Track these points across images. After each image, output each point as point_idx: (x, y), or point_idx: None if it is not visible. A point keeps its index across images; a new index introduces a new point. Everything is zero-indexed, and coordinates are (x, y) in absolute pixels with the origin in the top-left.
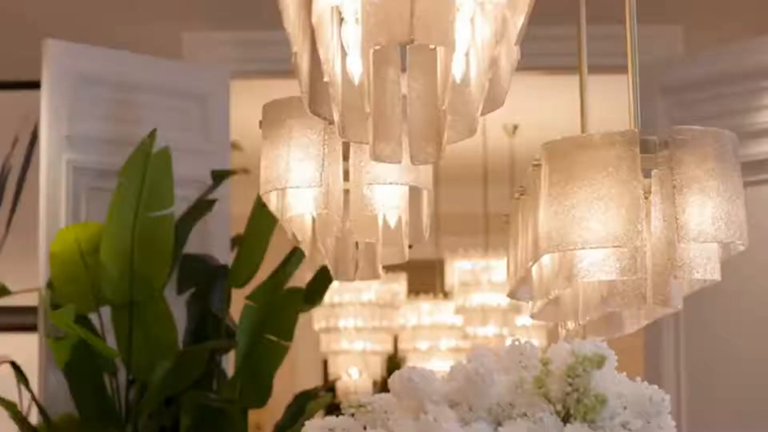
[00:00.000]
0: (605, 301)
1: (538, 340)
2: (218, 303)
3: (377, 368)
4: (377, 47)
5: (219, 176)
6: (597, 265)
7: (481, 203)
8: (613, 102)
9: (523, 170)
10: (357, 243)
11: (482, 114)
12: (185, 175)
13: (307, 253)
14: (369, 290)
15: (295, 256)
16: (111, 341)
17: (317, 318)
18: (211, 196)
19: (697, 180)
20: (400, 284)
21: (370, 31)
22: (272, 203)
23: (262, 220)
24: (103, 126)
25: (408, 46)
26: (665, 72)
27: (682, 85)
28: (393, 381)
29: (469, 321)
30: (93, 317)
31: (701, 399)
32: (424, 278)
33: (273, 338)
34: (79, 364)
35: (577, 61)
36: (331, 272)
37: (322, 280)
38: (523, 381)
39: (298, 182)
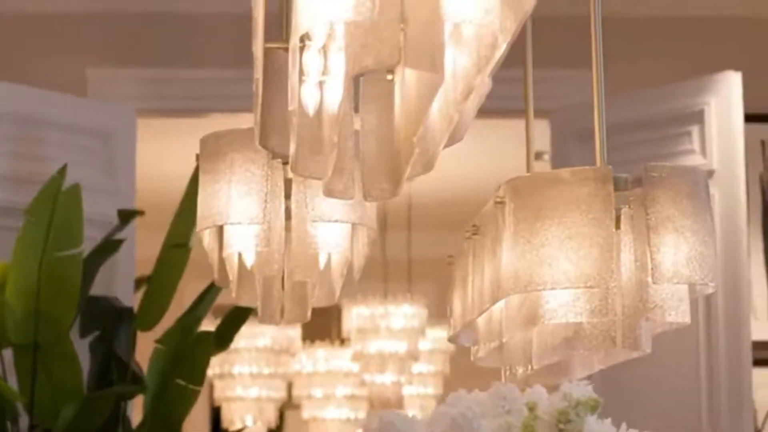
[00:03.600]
0: (570, 344)
1: (434, 389)
2: (123, 346)
3: (271, 416)
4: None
5: (126, 216)
6: (566, 307)
7: (379, 248)
8: (504, 145)
9: (421, 216)
10: (283, 284)
11: (444, 148)
12: (89, 214)
13: (235, 293)
14: (265, 336)
15: (206, 298)
16: (13, 385)
17: (211, 364)
18: (117, 237)
19: (672, 219)
20: (295, 330)
21: (356, 54)
22: (205, 240)
23: (171, 262)
24: (4, 163)
25: (362, 78)
26: (580, 117)
27: None
28: (370, 425)
29: (366, 368)
30: None
31: None
32: (320, 324)
33: (182, 383)
34: None
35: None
36: (258, 315)
37: (231, 323)
38: (510, 426)
39: (239, 218)
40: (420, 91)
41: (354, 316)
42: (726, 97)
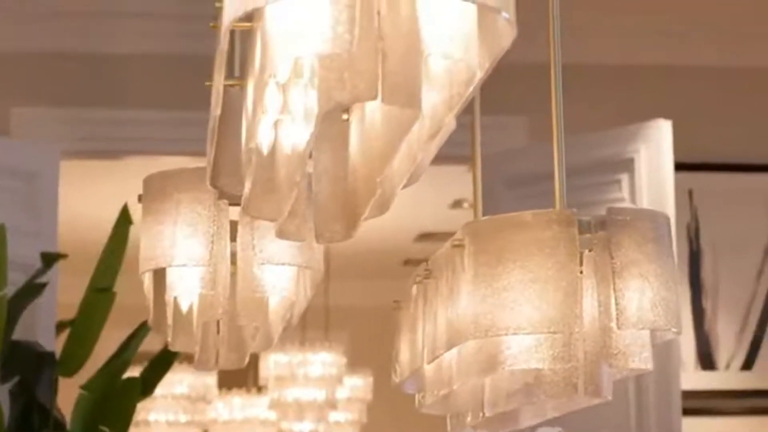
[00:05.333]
0: (529, 390)
1: None
2: (45, 392)
3: None
4: (331, 108)
5: (49, 259)
6: (527, 353)
7: None
8: (422, 193)
9: (337, 264)
10: (219, 329)
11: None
12: (10, 256)
13: (170, 338)
14: (182, 383)
15: (132, 343)
16: None
17: None
18: (39, 280)
19: (637, 263)
20: (211, 377)
21: (330, 89)
22: (145, 283)
23: (95, 306)
24: None
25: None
26: (508, 163)
27: (527, 177)
28: None
29: (284, 416)
30: None
31: None
32: (237, 371)
33: (107, 430)
34: None
35: None
36: (195, 360)
37: (156, 369)
38: None
39: (184, 260)
40: (389, 127)
41: (271, 364)
42: (656, 145)
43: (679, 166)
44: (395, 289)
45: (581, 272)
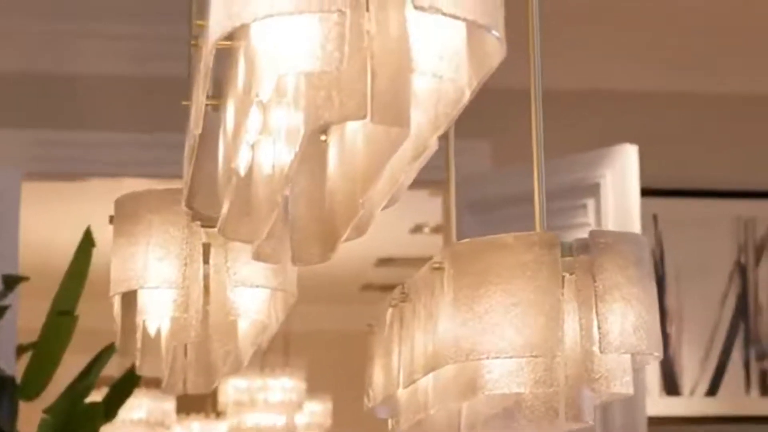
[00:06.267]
0: (509, 415)
1: None
2: (6, 416)
3: None
4: (318, 126)
5: (11, 282)
6: (508, 377)
7: None
8: (383, 217)
9: (298, 288)
10: (186, 352)
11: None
12: None
13: (139, 363)
14: (140, 408)
15: (95, 367)
16: None
17: None
18: (1, 303)
19: (619, 287)
20: (170, 402)
21: (318, 108)
22: (115, 306)
23: (57, 330)
24: None
25: None
26: (472, 188)
27: (491, 202)
28: None
29: None
30: None
31: None
32: (196, 396)
33: None
34: None
35: None
36: (163, 384)
37: (119, 393)
38: None
39: (157, 282)
40: (374, 147)
41: (230, 389)
42: (622, 170)
43: (644, 191)
44: (354, 313)
45: (562, 295)
